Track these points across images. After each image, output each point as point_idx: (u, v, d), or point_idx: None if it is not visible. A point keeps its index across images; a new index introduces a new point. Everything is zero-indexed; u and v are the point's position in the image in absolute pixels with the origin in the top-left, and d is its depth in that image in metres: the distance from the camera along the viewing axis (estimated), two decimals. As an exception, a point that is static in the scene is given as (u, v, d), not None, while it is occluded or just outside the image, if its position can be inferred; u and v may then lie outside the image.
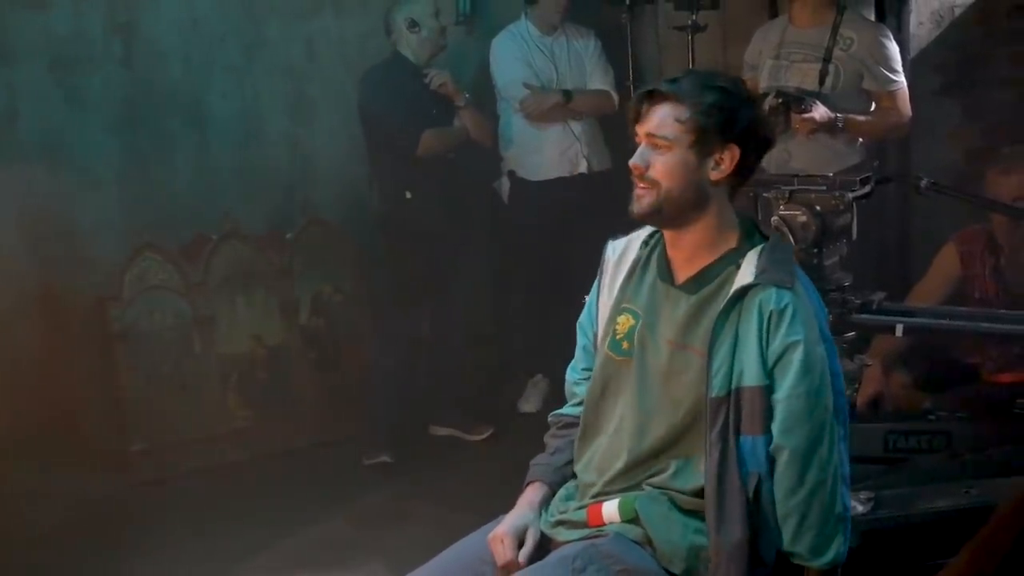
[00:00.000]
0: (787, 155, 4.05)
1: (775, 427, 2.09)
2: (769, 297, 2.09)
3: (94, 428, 4.53)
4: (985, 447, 3.03)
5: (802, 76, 4.00)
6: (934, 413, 3.25)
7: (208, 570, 3.72)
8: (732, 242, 2.22)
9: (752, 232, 2.24)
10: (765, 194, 3.13)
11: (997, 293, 3.59)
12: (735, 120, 2.16)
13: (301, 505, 4.19)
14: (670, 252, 2.26)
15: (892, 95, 3.99)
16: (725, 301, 2.13)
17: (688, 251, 2.23)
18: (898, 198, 4.57)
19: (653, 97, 2.20)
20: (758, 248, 2.19)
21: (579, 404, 2.41)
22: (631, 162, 2.22)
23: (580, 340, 2.45)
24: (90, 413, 4.55)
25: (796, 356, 2.07)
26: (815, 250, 3.00)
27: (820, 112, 3.80)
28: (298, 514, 4.11)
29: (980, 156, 4.24)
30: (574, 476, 2.37)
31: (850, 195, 3.01)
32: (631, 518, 2.21)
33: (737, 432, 2.09)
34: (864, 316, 3.03)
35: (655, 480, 2.21)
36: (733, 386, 2.10)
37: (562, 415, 2.48)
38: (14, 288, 4.52)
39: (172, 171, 4.85)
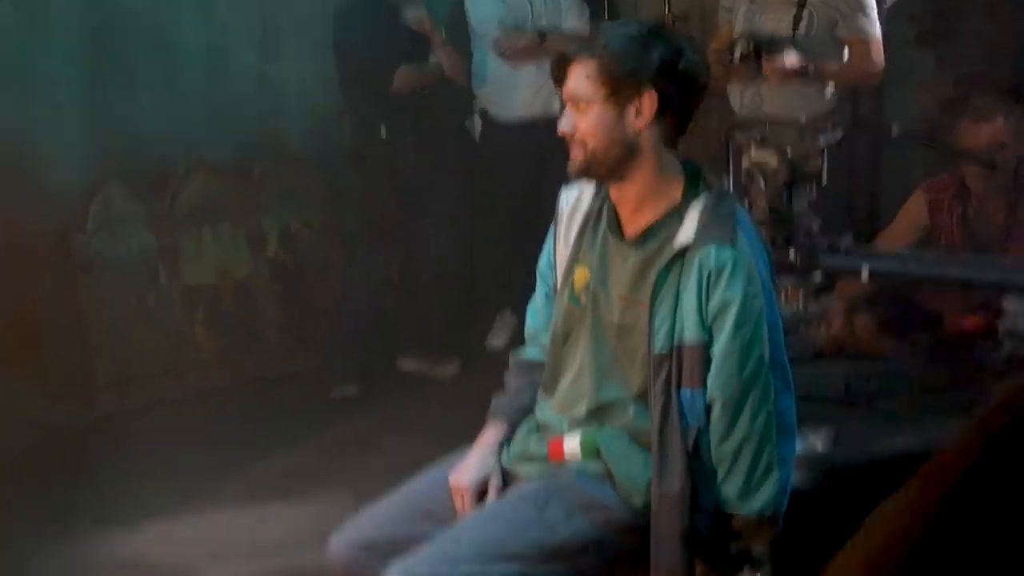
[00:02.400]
0: (759, 99, 4.05)
1: (709, 379, 2.11)
2: (709, 255, 2.09)
3: (59, 360, 4.50)
4: (945, 391, 3.07)
5: (776, 20, 3.99)
6: (896, 357, 3.29)
7: (174, 500, 3.72)
8: (676, 194, 2.19)
9: (696, 181, 2.21)
10: (737, 138, 3.13)
11: (963, 242, 3.61)
12: (644, 63, 2.12)
13: (267, 436, 4.20)
14: (616, 206, 2.25)
15: (865, 43, 3.99)
16: (667, 258, 2.13)
17: (632, 204, 2.22)
18: (869, 145, 4.59)
19: (567, 60, 2.18)
20: (701, 200, 2.17)
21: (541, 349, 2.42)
22: (559, 129, 2.22)
23: (541, 287, 2.45)
24: (55, 345, 4.52)
25: (731, 313, 2.08)
26: (785, 194, 3.02)
27: (792, 58, 3.80)
28: (264, 445, 4.12)
29: (952, 106, 4.25)
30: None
31: (821, 140, 3.02)
32: (592, 454, 2.23)
33: (679, 386, 2.11)
34: (831, 259, 3.05)
35: (616, 421, 2.24)
36: (675, 343, 2.11)
37: (523, 357, 2.48)
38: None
39: (138, 102, 4.77)
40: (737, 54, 3.83)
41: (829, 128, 3.07)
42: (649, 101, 2.14)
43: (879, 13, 4.11)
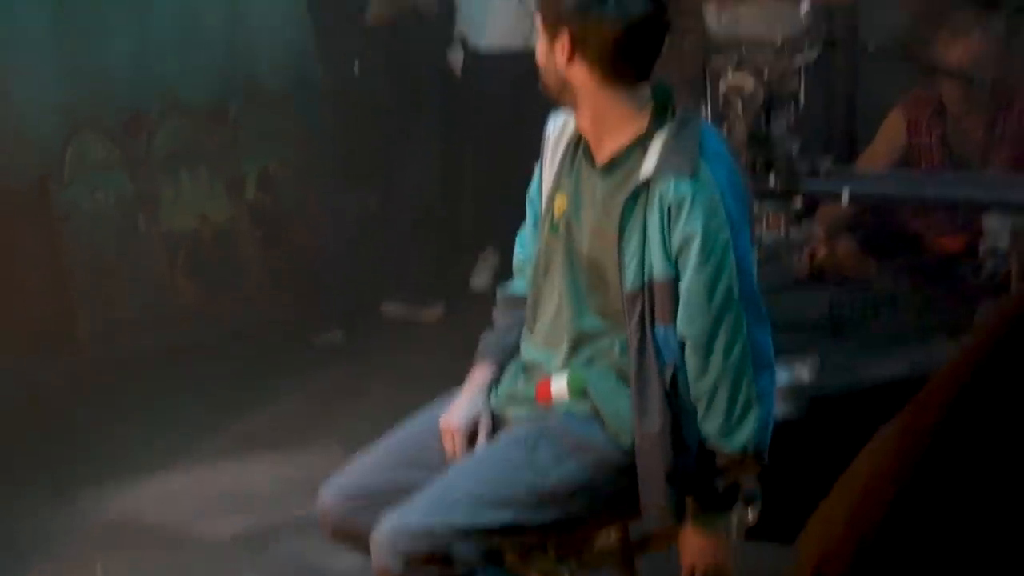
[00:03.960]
0: (735, 20, 4.00)
1: (678, 316, 2.10)
2: (668, 188, 2.06)
3: (41, 311, 4.48)
4: (928, 312, 3.08)
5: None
6: (878, 280, 3.29)
7: (161, 452, 3.73)
8: (643, 122, 2.16)
9: (664, 111, 2.17)
10: (714, 60, 3.10)
11: (943, 161, 3.60)
12: (558, 2, 2.10)
13: (253, 385, 4.20)
14: (583, 133, 2.24)
15: None
16: (630, 190, 2.11)
17: (590, 133, 2.20)
18: (846, 65, 4.54)
19: None
20: (665, 130, 2.13)
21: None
22: None
23: (530, 215, 2.43)
24: (35, 295, 4.49)
25: (694, 247, 2.05)
26: (763, 117, 2.99)
27: None
28: (251, 396, 4.12)
29: (927, 20, 4.20)
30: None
31: (798, 60, 2.99)
32: (579, 393, 2.23)
33: (653, 323, 2.10)
34: (811, 182, 3.04)
35: (599, 353, 2.24)
36: (646, 278, 2.10)
37: (511, 292, 2.47)
38: (-51, 170, 4.42)
39: (108, 43, 4.68)
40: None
41: (805, 47, 3.04)
42: (561, 44, 2.11)
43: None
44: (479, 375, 2.38)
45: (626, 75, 2.14)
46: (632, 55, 2.13)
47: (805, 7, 4.01)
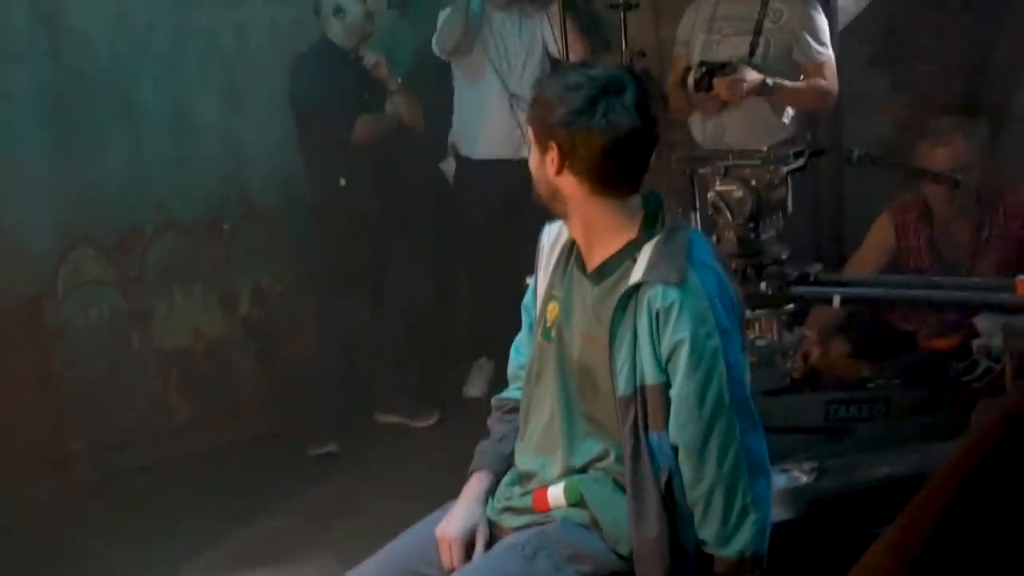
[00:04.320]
0: (721, 130, 4.09)
1: (670, 422, 2.10)
2: (656, 295, 2.08)
3: (33, 428, 4.45)
4: (923, 413, 3.08)
5: (733, 49, 4.04)
6: (873, 381, 3.29)
7: (156, 568, 3.69)
8: (632, 232, 2.19)
9: (654, 220, 2.20)
10: (701, 170, 3.15)
11: (932, 263, 3.63)
12: (548, 117, 2.15)
13: (247, 499, 4.17)
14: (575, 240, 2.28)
15: (820, 67, 4.06)
16: (619, 296, 2.13)
17: (582, 240, 2.24)
18: (831, 171, 4.62)
19: None
20: (655, 239, 2.16)
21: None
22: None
23: (525, 322, 2.45)
24: (28, 413, 4.47)
25: (683, 354, 2.06)
26: (752, 225, 3.02)
27: (749, 74, 3.86)
28: (244, 509, 4.09)
29: (909, 127, 4.30)
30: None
31: (785, 168, 3.03)
32: (576, 501, 2.22)
33: (646, 428, 2.11)
34: (802, 288, 3.06)
35: (598, 465, 2.23)
36: (638, 383, 2.11)
37: (506, 399, 2.47)
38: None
39: (103, 163, 4.74)
40: (691, 80, 3.88)
41: (791, 156, 3.09)
42: (551, 155, 2.16)
43: (832, 37, 4.17)
44: (475, 484, 2.37)
45: (615, 186, 2.18)
46: (620, 167, 2.16)
47: (789, 116, 4.12)
